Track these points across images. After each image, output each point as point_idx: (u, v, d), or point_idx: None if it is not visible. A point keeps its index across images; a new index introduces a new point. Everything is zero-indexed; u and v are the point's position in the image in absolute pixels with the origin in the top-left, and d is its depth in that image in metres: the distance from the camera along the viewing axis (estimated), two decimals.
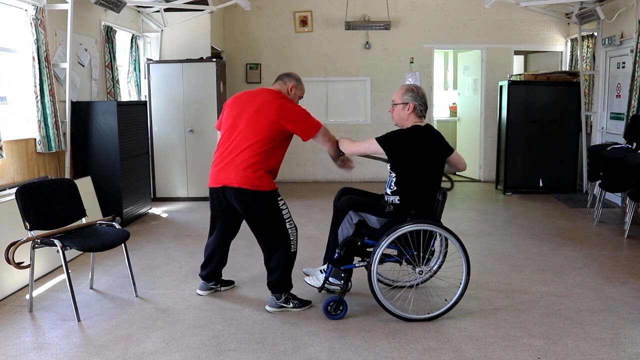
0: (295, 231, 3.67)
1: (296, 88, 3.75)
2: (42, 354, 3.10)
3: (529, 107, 7.85)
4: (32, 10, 4.98)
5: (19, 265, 3.53)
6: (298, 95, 3.78)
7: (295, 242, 3.66)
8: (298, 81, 3.78)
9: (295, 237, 3.67)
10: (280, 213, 3.60)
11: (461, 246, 3.46)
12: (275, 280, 3.66)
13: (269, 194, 3.56)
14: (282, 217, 3.61)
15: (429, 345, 3.18)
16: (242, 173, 3.52)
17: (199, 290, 4.01)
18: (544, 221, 6.25)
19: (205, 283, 4.00)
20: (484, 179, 9.14)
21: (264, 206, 3.57)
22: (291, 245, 3.64)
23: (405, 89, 3.64)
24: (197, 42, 7.79)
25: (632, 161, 5.17)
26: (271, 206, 3.58)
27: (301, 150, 8.70)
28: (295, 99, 3.76)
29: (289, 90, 3.73)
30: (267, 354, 3.08)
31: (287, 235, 3.62)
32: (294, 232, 3.65)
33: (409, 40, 9.00)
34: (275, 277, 3.65)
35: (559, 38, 8.96)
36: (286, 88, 3.73)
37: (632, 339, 3.25)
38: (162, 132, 7.39)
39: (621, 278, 4.30)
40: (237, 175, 3.53)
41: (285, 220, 3.62)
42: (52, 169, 5.43)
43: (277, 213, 3.60)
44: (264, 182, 3.53)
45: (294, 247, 3.66)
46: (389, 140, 3.53)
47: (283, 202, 3.64)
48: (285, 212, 3.63)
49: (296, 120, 3.57)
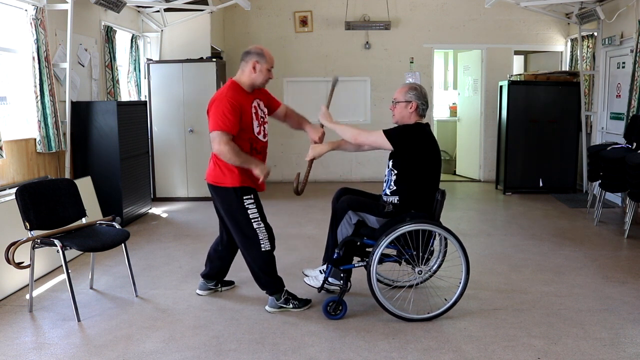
0: (265, 230, 3.57)
1: (259, 62, 3.52)
2: (42, 354, 3.10)
3: (529, 107, 7.85)
4: (32, 10, 4.98)
5: (19, 265, 3.53)
6: (265, 68, 3.54)
7: (267, 240, 3.57)
8: (259, 54, 3.54)
9: (266, 236, 3.57)
10: (245, 212, 3.52)
11: (460, 246, 3.46)
12: (255, 279, 3.68)
13: (230, 191, 3.52)
14: (247, 215, 3.53)
15: (429, 345, 3.18)
16: (210, 168, 3.62)
17: (199, 290, 4.01)
18: (544, 221, 6.25)
19: (204, 282, 4.00)
20: (484, 179, 9.14)
21: (225, 203, 3.57)
22: (261, 244, 3.56)
23: (408, 87, 3.64)
24: (197, 42, 7.79)
25: (632, 161, 5.17)
26: (233, 203, 3.53)
27: (301, 150, 8.70)
28: (263, 74, 3.54)
29: (253, 68, 3.51)
30: (267, 354, 3.08)
31: (255, 234, 3.55)
32: (262, 231, 3.56)
33: (409, 40, 9.00)
34: (253, 276, 3.69)
35: (559, 38, 8.96)
36: (249, 68, 3.52)
37: (632, 339, 3.25)
38: (162, 132, 7.39)
39: (621, 278, 4.30)
40: (209, 170, 3.64)
41: (252, 219, 3.54)
42: (52, 169, 5.43)
43: (241, 211, 3.52)
44: (227, 178, 3.51)
45: (265, 246, 3.56)
46: (397, 133, 3.52)
47: (252, 202, 3.54)
48: (252, 211, 3.53)
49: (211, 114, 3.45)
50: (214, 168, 3.58)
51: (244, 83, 3.56)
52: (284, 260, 4.59)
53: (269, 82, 3.66)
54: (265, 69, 3.55)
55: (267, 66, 3.56)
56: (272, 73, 3.63)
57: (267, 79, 3.61)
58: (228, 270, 4.02)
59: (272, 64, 3.60)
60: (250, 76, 3.55)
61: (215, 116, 3.42)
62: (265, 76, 3.58)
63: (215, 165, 3.57)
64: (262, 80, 3.59)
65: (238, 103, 3.45)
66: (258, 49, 3.58)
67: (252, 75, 3.54)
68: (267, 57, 3.56)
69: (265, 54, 3.56)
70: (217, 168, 3.56)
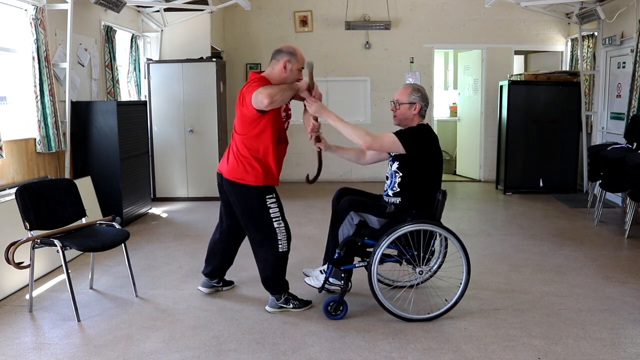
0: (285, 231, 3.57)
1: (291, 62, 3.48)
2: (42, 354, 3.10)
3: (529, 107, 7.85)
4: (32, 10, 4.98)
5: (19, 265, 3.53)
6: (296, 68, 3.51)
7: (285, 242, 3.57)
8: (291, 54, 3.49)
9: (285, 237, 3.57)
10: (266, 211, 3.51)
11: (461, 246, 3.46)
12: (264, 279, 3.65)
13: (253, 189, 3.48)
14: (269, 215, 3.52)
15: (429, 345, 3.18)
16: (231, 164, 3.54)
17: (201, 287, 3.99)
18: (544, 221, 6.24)
19: (208, 280, 3.98)
20: (484, 179, 9.13)
21: (245, 201, 3.52)
22: (279, 245, 3.55)
23: (411, 88, 3.64)
24: (197, 42, 7.78)
25: (632, 161, 5.17)
26: (255, 202, 3.50)
27: (301, 150, 8.69)
28: (293, 74, 3.51)
29: (283, 67, 3.48)
30: (267, 354, 3.08)
31: (275, 234, 3.54)
32: (282, 232, 3.55)
33: (409, 40, 9.00)
34: (262, 276, 3.65)
35: (559, 38, 8.95)
36: (280, 67, 3.48)
37: (633, 339, 3.25)
38: (162, 132, 7.39)
39: (621, 278, 4.30)
40: (229, 165, 3.55)
41: (273, 219, 3.52)
42: (52, 169, 5.43)
43: (263, 211, 3.50)
44: (250, 176, 3.47)
45: (282, 247, 3.56)
46: (410, 137, 3.51)
47: (274, 201, 3.54)
48: (273, 210, 3.52)
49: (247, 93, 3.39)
50: (236, 164, 3.50)
51: (274, 80, 3.50)
52: None
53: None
54: (295, 68, 3.51)
55: (297, 66, 3.52)
56: (302, 73, 3.58)
57: (297, 79, 3.56)
58: (231, 264, 3.98)
59: (303, 64, 3.57)
60: (281, 75, 3.50)
61: (252, 89, 3.35)
62: (295, 76, 3.54)
63: (238, 162, 3.49)
64: (292, 80, 3.54)
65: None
66: (291, 48, 3.53)
67: (283, 74, 3.50)
68: (298, 57, 3.52)
69: (297, 54, 3.52)
70: (239, 165, 3.48)
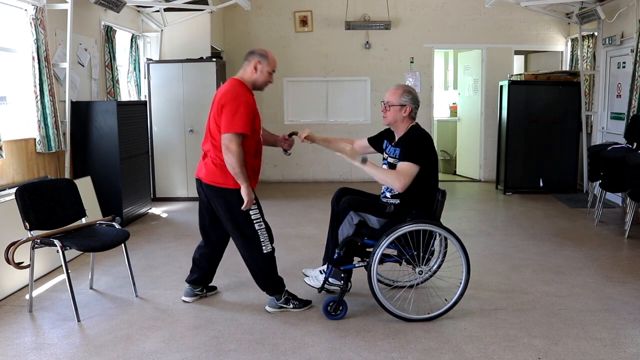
0: (265, 232, 3.55)
1: (261, 63, 3.50)
2: (42, 354, 3.10)
3: (529, 107, 7.85)
4: (32, 10, 4.98)
5: (19, 265, 3.53)
6: (267, 70, 3.52)
7: (268, 242, 3.55)
8: (262, 55, 3.52)
9: (267, 238, 3.55)
10: (247, 213, 3.48)
11: (461, 246, 3.46)
12: (256, 281, 3.65)
13: (233, 192, 3.46)
14: (249, 217, 3.50)
15: (429, 345, 3.18)
16: (209, 168, 3.51)
17: (185, 297, 3.88)
18: (544, 221, 6.24)
19: (191, 288, 3.89)
20: (484, 179, 9.13)
21: (226, 204, 3.50)
22: (262, 246, 3.54)
23: (402, 90, 3.62)
24: (197, 42, 7.79)
25: (632, 161, 5.17)
26: (235, 205, 3.47)
27: (301, 150, 8.69)
28: (263, 75, 3.52)
29: (254, 68, 3.50)
30: (267, 354, 3.08)
31: (257, 236, 3.52)
32: (264, 233, 3.53)
33: (409, 40, 9.00)
34: (254, 277, 3.65)
35: (560, 38, 8.95)
36: (251, 68, 3.51)
37: (633, 339, 3.25)
38: (162, 132, 7.39)
39: (622, 278, 4.30)
40: (207, 170, 3.53)
41: (254, 220, 3.51)
42: (52, 169, 5.43)
43: (244, 213, 3.48)
44: (229, 180, 3.44)
45: (266, 248, 3.55)
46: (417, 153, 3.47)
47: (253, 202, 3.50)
48: (254, 211, 3.50)
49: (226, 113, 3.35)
50: (214, 169, 3.49)
51: (247, 82, 3.53)
52: (284, 260, 4.59)
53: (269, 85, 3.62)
54: (266, 70, 3.53)
55: (268, 68, 3.54)
56: (272, 77, 3.60)
57: (267, 82, 3.58)
58: (214, 274, 3.94)
59: (275, 67, 3.58)
60: (252, 76, 3.53)
61: (232, 116, 3.34)
62: (265, 78, 3.55)
63: (215, 166, 3.49)
64: (262, 82, 3.56)
65: (253, 104, 3.45)
66: (262, 51, 3.57)
67: (253, 75, 3.53)
68: (270, 59, 3.54)
69: (268, 56, 3.54)
70: (218, 169, 3.48)
